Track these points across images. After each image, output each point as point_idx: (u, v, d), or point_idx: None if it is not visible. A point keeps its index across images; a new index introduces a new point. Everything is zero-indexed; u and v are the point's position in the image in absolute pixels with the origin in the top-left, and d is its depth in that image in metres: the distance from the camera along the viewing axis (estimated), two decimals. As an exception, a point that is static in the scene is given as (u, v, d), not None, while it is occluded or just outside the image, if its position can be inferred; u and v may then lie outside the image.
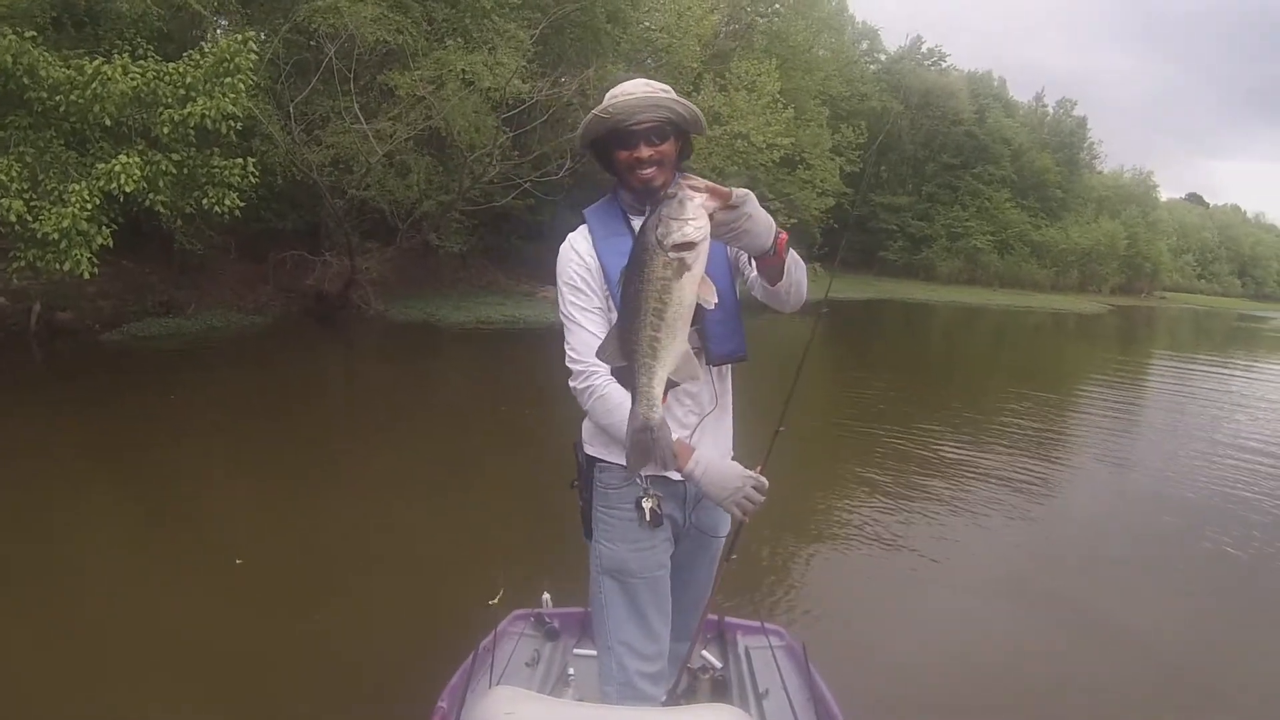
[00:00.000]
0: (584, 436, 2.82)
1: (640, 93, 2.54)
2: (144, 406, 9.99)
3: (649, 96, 2.53)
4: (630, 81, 2.63)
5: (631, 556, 2.71)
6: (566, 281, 2.68)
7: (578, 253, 2.67)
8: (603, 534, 2.76)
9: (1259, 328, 51.91)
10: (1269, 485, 9.91)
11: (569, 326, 2.65)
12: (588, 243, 2.69)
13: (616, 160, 2.63)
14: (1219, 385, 20.65)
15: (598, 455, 2.76)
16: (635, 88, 2.57)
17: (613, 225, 2.72)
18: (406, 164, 17.63)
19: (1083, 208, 63.13)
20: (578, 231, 2.74)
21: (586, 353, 2.55)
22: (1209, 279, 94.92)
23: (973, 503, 8.28)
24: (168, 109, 11.40)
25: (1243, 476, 10.19)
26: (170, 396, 10.68)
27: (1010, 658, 5.21)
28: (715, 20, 29.68)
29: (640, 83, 2.61)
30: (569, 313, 2.66)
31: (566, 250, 2.70)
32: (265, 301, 16.93)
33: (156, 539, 6.40)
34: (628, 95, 2.54)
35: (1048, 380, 19.21)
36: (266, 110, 14.63)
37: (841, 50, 47.30)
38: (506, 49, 17.90)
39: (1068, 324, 40.23)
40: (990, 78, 62.55)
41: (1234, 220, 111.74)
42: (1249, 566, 7.17)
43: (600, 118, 2.55)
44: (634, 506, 2.69)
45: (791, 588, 6.00)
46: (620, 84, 2.62)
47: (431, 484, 8.12)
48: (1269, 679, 5.30)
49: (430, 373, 14.71)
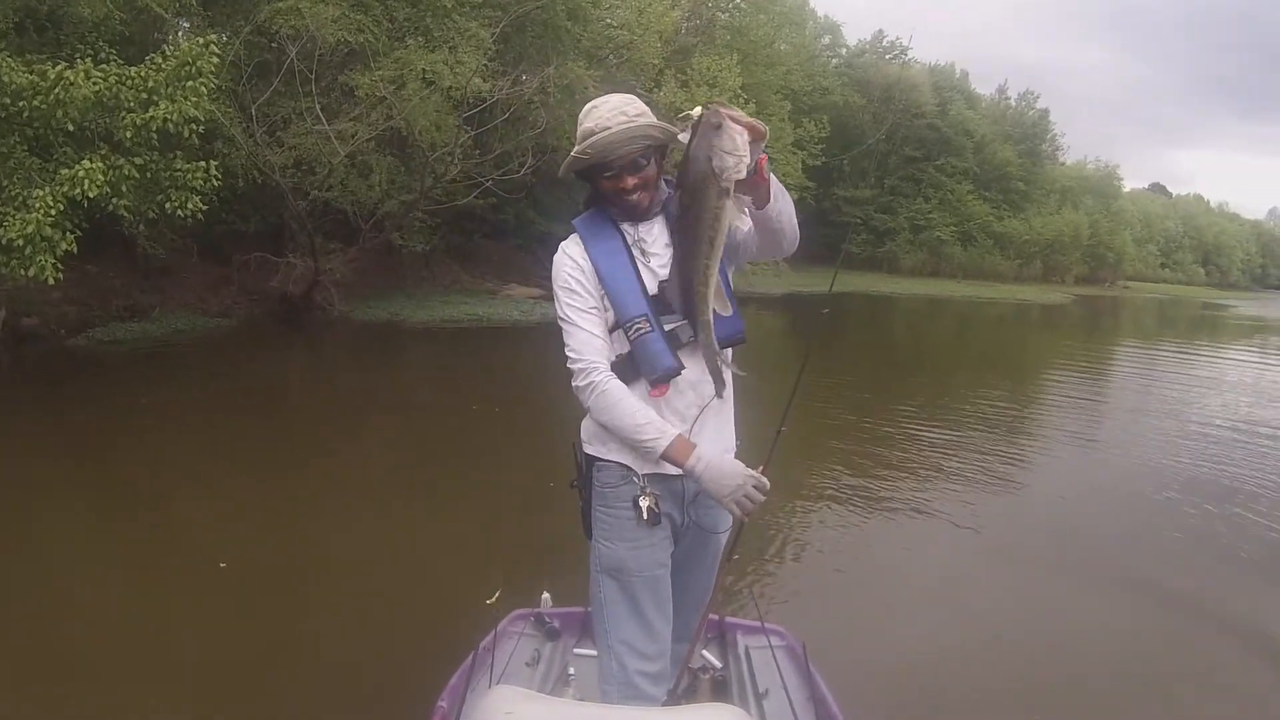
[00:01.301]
0: (583, 436, 2.88)
1: (617, 125, 2.58)
2: (115, 411, 10.09)
3: (626, 129, 2.58)
4: (604, 103, 2.68)
5: (630, 555, 2.75)
6: (562, 285, 2.74)
7: (570, 257, 2.75)
8: (601, 533, 2.80)
9: (1222, 315, 53.01)
10: (1242, 456, 10.90)
11: (567, 328, 2.71)
12: (579, 247, 2.76)
13: (601, 186, 2.73)
14: (1184, 369, 21.41)
15: (596, 454, 2.81)
16: (610, 116, 2.61)
17: (603, 231, 2.79)
18: (368, 164, 17.83)
19: (1045, 199, 64.03)
20: (569, 239, 2.81)
21: (587, 350, 2.67)
22: (1173, 268, 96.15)
23: (969, 500, 8.46)
24: (130, 113, 11.46)
25: (1220, 450, 11.13)
26: (141, 400, 10.82)
27: (1011, 656, 5.31)
28: (676, 16, 29.95)
29: (615, 108, 2.64)
30: (566, 314, 2.72)
31: (560, 257, 2.78)
32: (230, 304, 17.07)
33: (138, 544, 6.40)
34: (604, 128, 2.58)
35: (1015, 369, 19.73)
36: (228, 113, 14.78)
37: (803, 45, 47.83)
38: (467, 48, 18.11)
39: (1031, 314, 41.07)
40: (953, 70, 63.27)
41: (1197, 209, 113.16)
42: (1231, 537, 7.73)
43: (580, 158, 2.65)
44: (631, 505, 2.73)
45: (791, 588, 6.03)
46: (594, 104, 2.69)
47: (420, 483, 8.25)
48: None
49: (401, 372, 14.96)
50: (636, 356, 2.67)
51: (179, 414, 10.39)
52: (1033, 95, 67.10)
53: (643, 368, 2.67)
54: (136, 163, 11.78)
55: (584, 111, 2.71)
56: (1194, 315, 52.13)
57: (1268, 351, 30.58)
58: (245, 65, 15.61)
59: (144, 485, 7.75)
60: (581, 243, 2.78)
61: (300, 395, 12.55)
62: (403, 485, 8.20)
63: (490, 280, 26.02)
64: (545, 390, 13.14)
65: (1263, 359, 27.66)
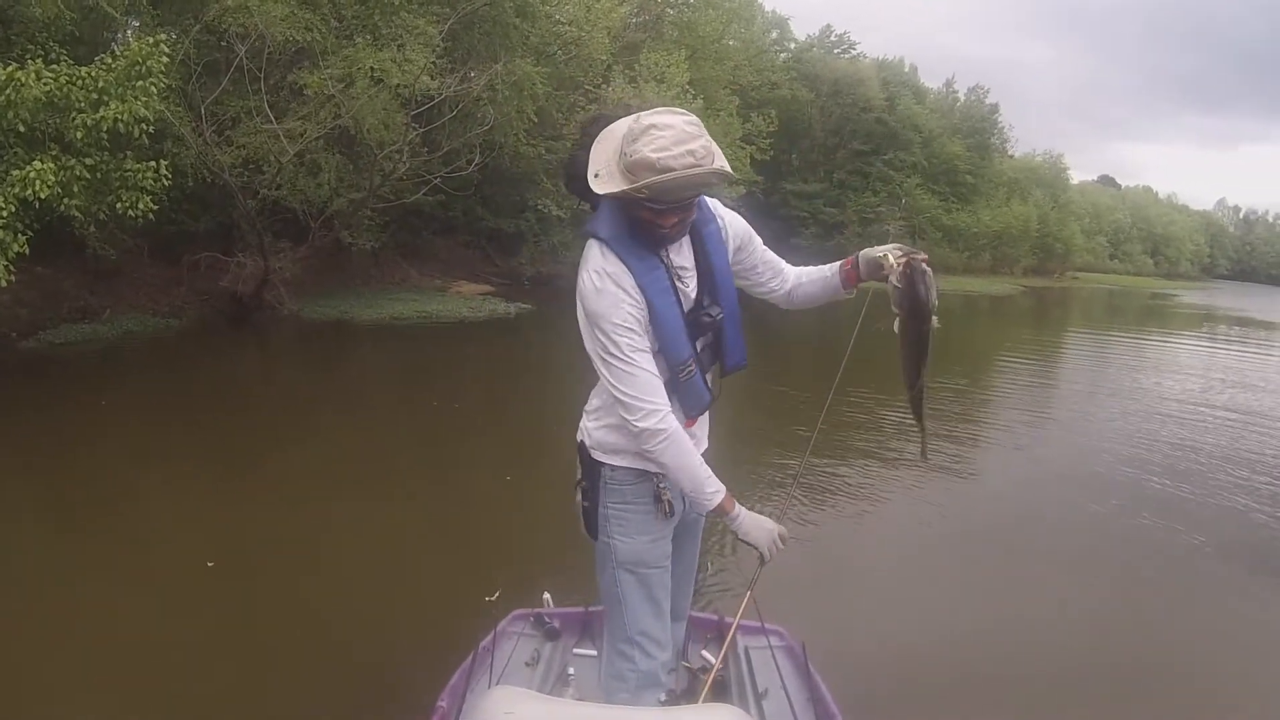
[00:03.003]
0: (589, 443, 2.91)
1: (682, 168, 2.43)
2: (75, 413, 10.12)
3: (692, 176, 2.45)
4: (667, 129, 2.46)
5: (648, 549, 2.88)
6: (619, 323, 2.62)
7: (626, 292, 2.63)
8: (618, 529, 2.87)
9: (1169, 305, 54.53)
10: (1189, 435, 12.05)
11: (627, 369, 2.62)
12: (630, 278, 2.64)
13: (639, 215, 2.62)
14: (1135, 354, 22.38)
15: (609, 462, 2.87)
16: (678, 156, 2.43)
17: (647, 258, 2.69)
18: (317, 163, 18.08)
19: (994, 191, 65.04)
20: (612, 264, 2.66)
21: (654, 394, 2.64)
22: (1122, 259, 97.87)
23: (964, 497, 8.87)
24: (81, 113, 11.63)
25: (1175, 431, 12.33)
26: (102, 402, 10.94)
27: (1012, 655, 5.44)
28: (624, 12, 30.29)
29: (682, 144, 2.44)
30: (627, 355, 2.62)
31: (614, 290, 2.63)
32: (180, 304, 17.22)
33: (121, 546, 6.38)
34: (667, 169, 2.43)
35: (965, 358, 20.25)
36: (178, 112, 14.95)
37: (751, 40, 48.23)
38: (415, 45, 18.38)
39: (980, 305, 42.03)
40: (901, 65, 64.12)
41: (1146, 201, 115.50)
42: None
43: (635, 195, 2.52)
44: (652, 500, 2.86)
45: (791, 587, 5.94)
46: (654, 125, 2.47)
47: (400, 481, 8.40)
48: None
49: (356, 370, 15.38)
50: (680, 394, 2.77)
51: (140, 415, 10.52)
52: (982, 90, 68.15)
53: (684, 404, 2.79)
54: (87, 163, 11.93)
55: (639, 128, 2.49)
56: (1142, 305, 54.17)
57: (1215, 337, 32.41)
58: (194, 64, 15.79)
59: (112, 488, 7.74)
60: (631, 274, 2.66)
61: (261, 395, 12.75)
62: (381, 483, 8.30)
63: (439, 277, 26.30)
64: (497, 386, 13.57)
65: (1211, 344, 29.49)
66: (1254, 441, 12.15)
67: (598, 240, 2.69)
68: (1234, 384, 18.94)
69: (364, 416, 11.38)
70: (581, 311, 2.67)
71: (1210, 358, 24.65)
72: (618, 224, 2.68)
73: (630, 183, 2.47)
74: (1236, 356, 25.86)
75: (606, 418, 2.86)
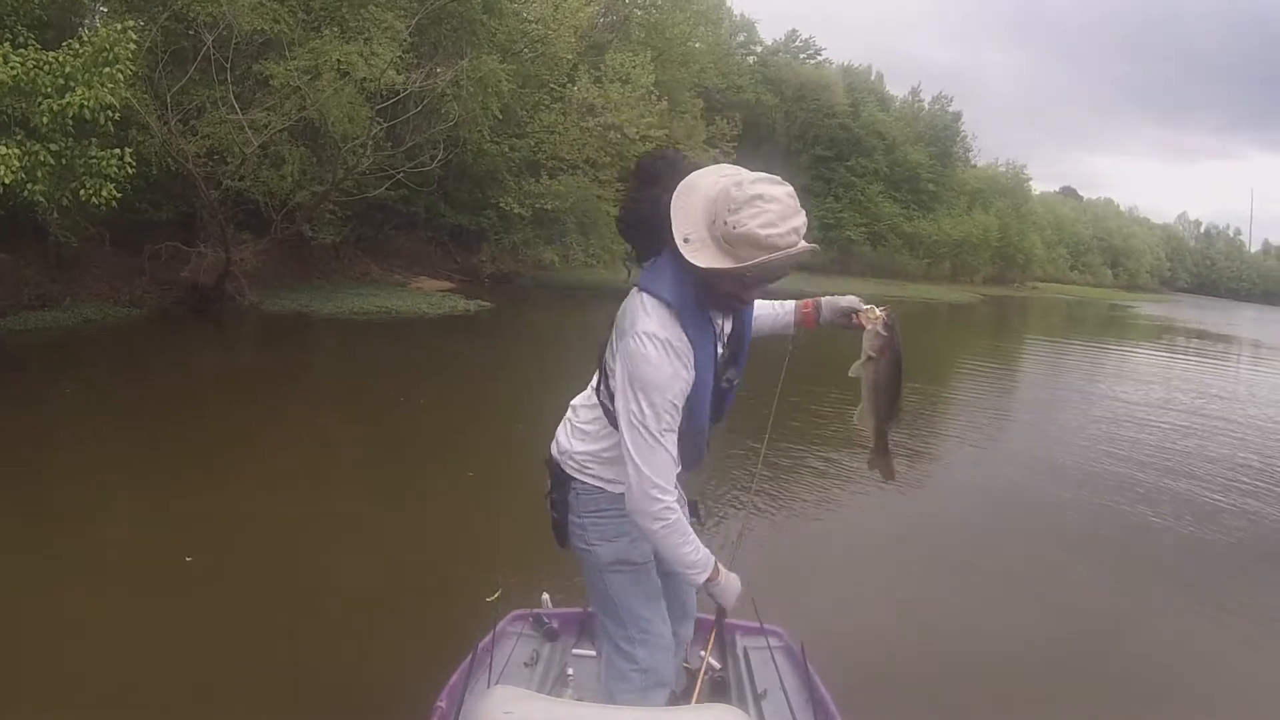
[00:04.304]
0: (577, 465, 2.88)
1: (787, 246, 2.37)
2: (42, 403, 10.02)
3: (798, 254, 2.42)
4: (774, 202, 2.36)
5: (630, 548, 2.85)
6: (670, 398, 2.52)
7: (685, 368, 2.54)
8: (596, 536, 2.86)
9: (1127, 316, 55.71)
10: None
11: (652, 445, 2.52)
12: (691, 354, 2.55)
13: (718, 287, 2.55)
14: (1093, 361, 23.08)
15: (592, 483, 2.85)
16: (785, 235, 2.37)
17: (705, 331, 2.63)
18: (281, 155, 18.23)
19: (956, 200, 66.12)
20: (677, 335, 2.53)
21: (667, 477, 2.55)
22: (1082, 270, 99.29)
23: (961, 496, 9.18)
24: (47, 99, 11.64)
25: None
26: (66, 391, 10.86)
27: (1012, 653, 5.49)
28: (591, 11, 30.66)
29: (789, 220, 2.37)
30: (657, 432, 2.52)
31: (675, 365, 2.53)
32: (141, 294, 17.25)
33: (95, 543, 6.23)
34: (775, 248, 2.36)
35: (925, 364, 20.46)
36: (144, 100, 15.06)
37: (718, 43, 48.69)
38: (383, 39, 18.60)
39: (940, 312, 42.82)
40: (868, 71, 65.11)
41: (1108, 213, 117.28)
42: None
43: (735, 272, 2.43)
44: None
45: (790, 587, 5.96)
46: (759, 194, 2.36)
47: (382, 478, 8.42)
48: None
49: (320, 364, 15.60)
50: (684, 452, 2.66)
51: (104, 405, 10.51)
52: (946, 99, 69.11)
53: (685, 459, 2.69)
54: (52, 149, 11.87)
55: (741, 196, 2.37)
56: (1101, 315, 54.98)
57: (1158, 345, 33.44)
58: (161, 52, 15.90)
59: (81, 481, 7.57)
60: (692, 348, 2.56)
61: (226, 387, 12.78)
62: (361, 479, 8.36)
63: (400, 273, 26.57)
64: (461, 383, 13.72)
65: (1153, 352, 30.39)
66: (1201, 441, 12.89)
67: (661, 303, 2.53)
68: (1190, 390, 19.87)
69: (336, 412, 11.50)
70: (629, 371, 2.52)
71: (1168, 368, 25.42)
72: (685, 289, 2.54)
73: (737, 260, 2.39)
74: (1190, 366, 26.63)
75: (597, 443, 2.84)
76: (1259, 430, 14.51)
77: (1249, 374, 26.51)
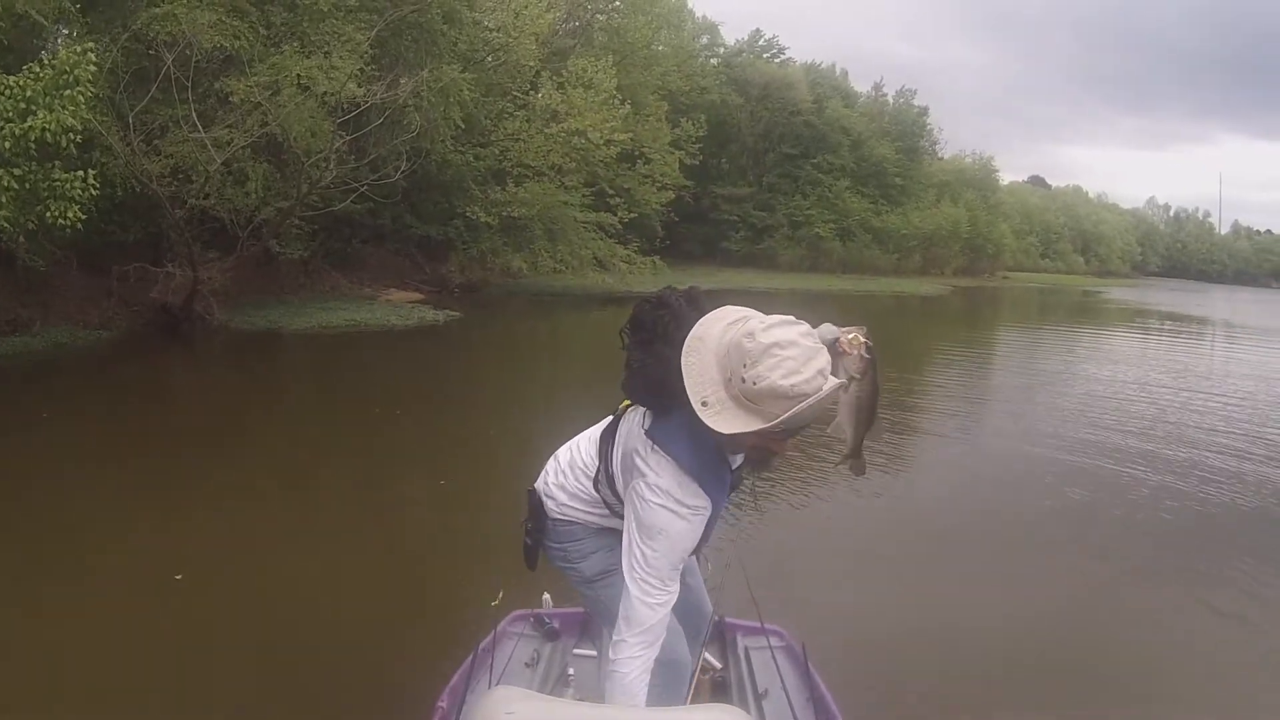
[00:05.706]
0: (561, 504, 2.96)
1: (815, 391, 2.24)
2: (22, 430, 9.99)
3: (826, 397, 2.30)
4: (791, 347, 2.23)
5: (609, 556, 2.91)
6: (679, 554, 2.54)
7: (702, 525, 2.55)
8: (576, 555, 2.98)
9: (1098, 301, 56.33)
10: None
11: (655, 589, 2.52)
12: (711, 511, 2.56)
13: (750, 443, 2.46)
14: (1066, 346, 23.62)
15: (578, 523, 2.95)
16: (810, 380, 2.22)
17: (724, 479, 2.62)
18: (244, 171, 18.28)
19: (924, 193, 66.76)
20: (698, 500, 2.51)
21: (658, 629, 2.56)
22: (1053, 258, 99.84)
23: (961, 496, 9.29)
24: (9, 123, 11.71)
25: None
26: (43, 414, 10.91)
27: (1014, 652, 5.49)
28: (552, 18, 30.90)
29: (812, 363, 2.25)
30: (664, 579, 2.53)
31: (694, 526, 2.53)
32: (110, 316, 17.30)
33: (83, 566, 6.21)
34: (802, 395, 2.22)
35: (899, 355, 20.77)
36: (106, 121, 15.14)
37: (681, 45, 49.04)
38: (343, 52, 18.73)
39: (911, 305, 43.20)
40: (832, 69, 65.63)
41: (1077, 200, 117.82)
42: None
43: (765, 432, 2.31)
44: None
45: (791, 587, 6.01)
46: (778, 343, 2.23)
47: (372, 485, 8.56)
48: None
49: (292, 379, 15.90)
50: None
51: (84, 428, 10.56)
52: (910, 93, 69.72)
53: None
54: (15, 174, 11.91)
55: (756, 348, 2.24)
56: (1073, 302, 55.63)
57: (1131, 328, 34.04)
58: (122, 73, 15.95)
59: (66, 504, 7.57)
60: (713, 507, 2.57)
61: (203, 405, 12.88)
62: (346, 490, 8.49)
63: (369, 285, 26.69)
64: (432, 394, 13.87)
65: (1126, 335, 31.01)
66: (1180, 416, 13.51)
67: (680, 469, 2.49)
68: (1163, 369, 20.62)
69: (310, 424, 11.67)
70: (639, 516, 2.52)
71: (1143, 349, 26.01)
72: (702, 451, 2.48)
73: (765, 419, 2.25)
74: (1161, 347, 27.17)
75: (590, 508, 2.93)
76: (1237, 411, 14.91)
77: (1222, 354, 27.30)
